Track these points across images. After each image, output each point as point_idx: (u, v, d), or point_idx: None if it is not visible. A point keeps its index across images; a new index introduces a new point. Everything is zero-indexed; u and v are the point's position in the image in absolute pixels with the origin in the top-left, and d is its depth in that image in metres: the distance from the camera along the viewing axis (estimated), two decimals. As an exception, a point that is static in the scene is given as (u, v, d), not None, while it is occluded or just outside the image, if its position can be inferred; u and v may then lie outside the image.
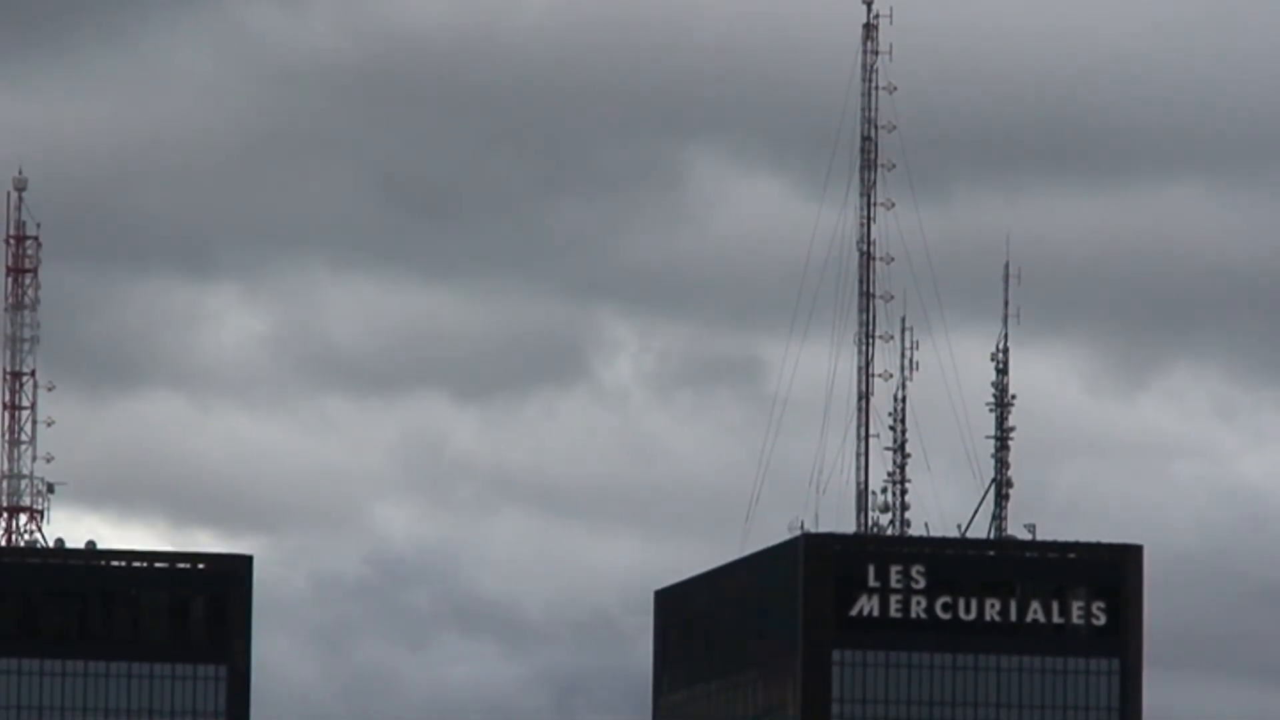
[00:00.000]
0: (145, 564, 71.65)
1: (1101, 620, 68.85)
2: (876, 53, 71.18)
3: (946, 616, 67.97)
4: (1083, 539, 70.35)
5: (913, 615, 67.90)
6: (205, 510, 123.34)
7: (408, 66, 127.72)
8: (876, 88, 71.16)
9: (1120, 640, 68.66)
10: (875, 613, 67.83)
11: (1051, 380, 71.68)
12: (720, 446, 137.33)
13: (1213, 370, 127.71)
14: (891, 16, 70.54)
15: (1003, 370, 71.73)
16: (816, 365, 71.14)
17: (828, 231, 70.81)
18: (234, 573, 70.98)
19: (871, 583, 67.82)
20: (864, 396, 70.70)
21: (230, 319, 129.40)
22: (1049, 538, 70.08)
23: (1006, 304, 71.82)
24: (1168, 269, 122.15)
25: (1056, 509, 71.99)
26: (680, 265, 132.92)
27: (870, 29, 71.38)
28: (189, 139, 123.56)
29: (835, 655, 67.14)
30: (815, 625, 67.23)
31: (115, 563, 71.83)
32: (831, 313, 70.53)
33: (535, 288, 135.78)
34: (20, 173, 73.07)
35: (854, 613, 67.64)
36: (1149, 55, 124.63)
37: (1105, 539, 70.34)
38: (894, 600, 67.81)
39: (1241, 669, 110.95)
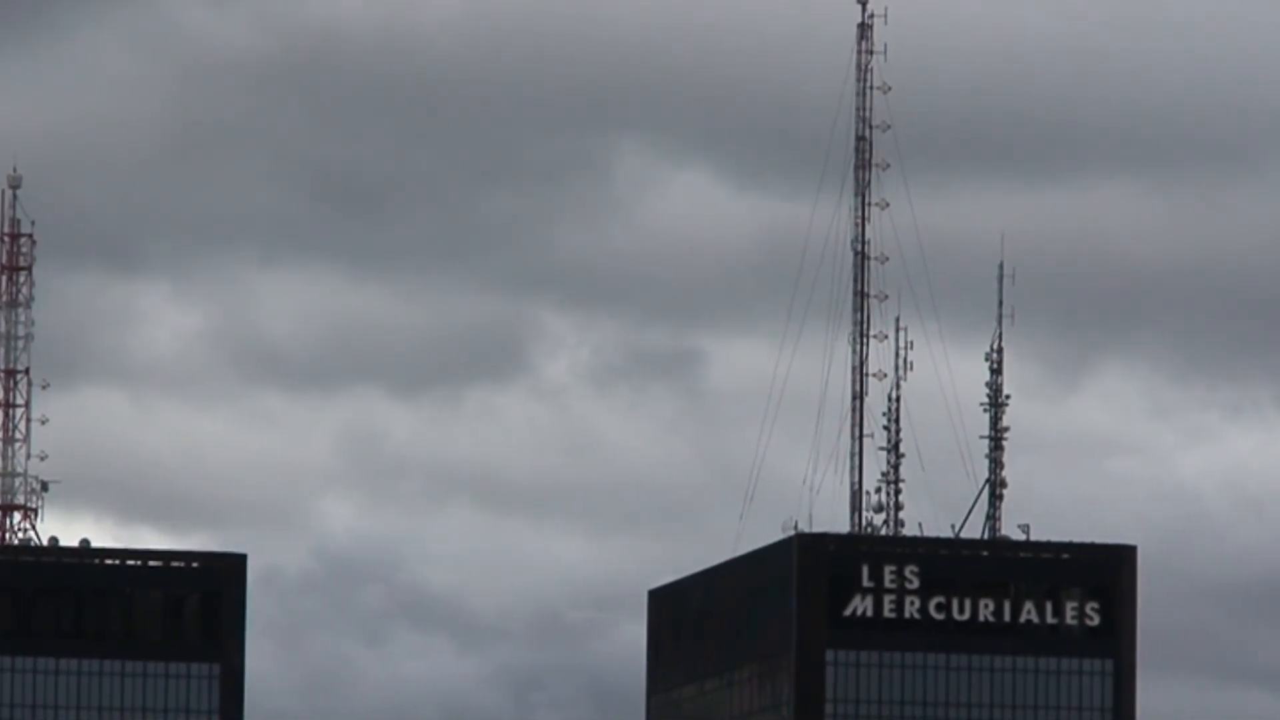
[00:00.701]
0: (139, 562, 71.59)
1: (1095, 621, 68.81)
2: (871, 52, 71.20)
3: (940, 617, 67.95)
4: (1076, 539, 70.59)
5: (906, 615, 67.89)
6: (150, 507, 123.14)
7: (331, 60, 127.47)
8: (871, 87, 71.22)
9: (1114, 641, 68.65)
10: (869, 613, 67.83)
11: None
12: (663, 442, 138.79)
13: (1146, 368, 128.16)
14: (886, 16, 70.66)
15: (997, 370, 71.76)
16: (809, 364, 71.37)
17: (822, 231, 70.97)
18: (228, 571, 70.94)
19: (865, 583, 67.78)
20: (858, 396, 70.72)
21: (163, 316, 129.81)
22: (1043, 538, 70.22)
23: (1001, 304, 71.92)
24: (1102, 267, 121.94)
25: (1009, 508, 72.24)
26: (614, 258, 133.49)
27: (865, 29, 71.45)
28: (113, 135, 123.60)
29: (829, 655, 67.11)
30: (809, 625, 67.21)
31: (109, 561, 71.77)
32: (825, 312, 70.66)
33: (469, 282, 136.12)
34: (15, 170, 73.18)
35: (848, 613, 67.64)
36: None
37: (1097, 539, 70.66)
38: (888, 600, 67.81)
39: (1185, 666, 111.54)
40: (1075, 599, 68.98)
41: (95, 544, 72.87)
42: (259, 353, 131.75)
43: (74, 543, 72.20)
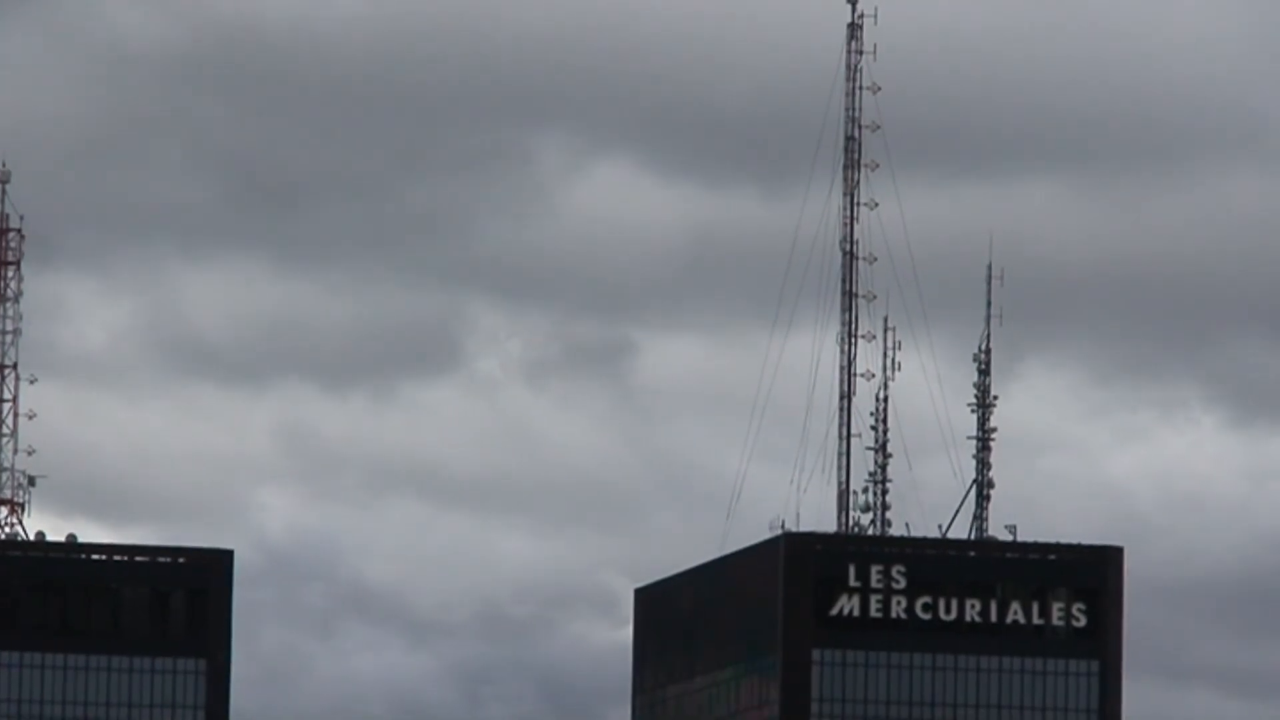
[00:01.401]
0: (125, 557, 71.51)
1: (1081, 622, 68.93)
2: (861, 52, 71.10)
3: (927, 617, 68.00)
4: (1063, 540, 70.63)
5: (893, 615, 67.92)
6: (88, 501, 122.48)
7: (247, 54, 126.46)
8: (860, 87, 71.12)
9: (1100, 642, 68.73)
10: (855, 612, 67.86)
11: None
12: (597, 435, 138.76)
13: (1076, 368, 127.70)
14: (876, 16, 70.57)
15: (985, 371, 71.73)
16: (798, 363, 71.38)
17: (810, 231, 70.94)
18: (214, 567, 70.91)
19: (852, 582, 67.82)
20: (846, 396, 70.67)
21: (90, 310, 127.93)
22: (1029, 538, 70.23)
23: (989, 304, 71.86)
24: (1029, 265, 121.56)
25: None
26: (541, 250, 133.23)
27: (854, 29, 71.34)
28: (33, 129, 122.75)
29: (815, 655, 67.19)
30: (795, 624, 67.29)
31: (95, 556, 71.70)
32: (814, 312, 70.63)
33: (396, 274, 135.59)
34: (3, 165, 73.01)
35: (834, 612, 67.69)
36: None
37: (1085, 540, 70.75)
38: (874, 600, 67.83)
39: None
40: (1061, 600, 69.02)
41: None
42: (189, 347, 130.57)
43: (61, 538, 72.28)
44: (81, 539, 74.20)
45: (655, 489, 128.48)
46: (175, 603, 70.24)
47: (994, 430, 71.22)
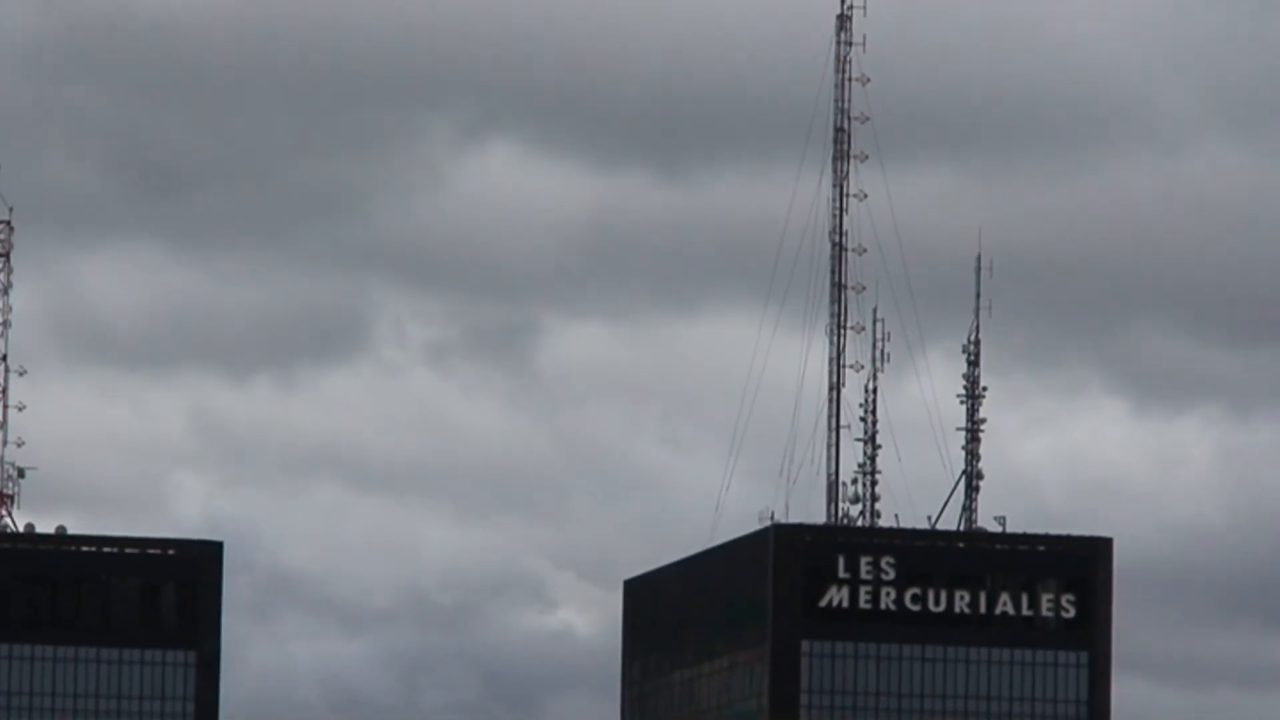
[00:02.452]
0: (115, 550, 71.27)
1: (1071, 613, 68.90)
2: (850, 44, 70.92)
3: (916, 608, 67.95)
4: (1053, 531, 70.57)
5: (882, 607, 67.88)
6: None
7: (126, 39, 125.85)
8: (849, 79, 70.96)
9: (1089, 633, 68.72)
10: (845, 604, 67.82)
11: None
12: (506, 420, 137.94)
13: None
14: (865, 8, 70.35)
15: (974, 362, 71.64)
16: (787, 355, 71.30)
17: (800, 222, 70.81)
18: (204, 559, 70.93)
19: (841, 574, 67.80)
20: (835, 387, 70.59)
21: None
22: (1019, 530, 70.17)
23: (978, 295, 71.79)
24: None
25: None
26: (438, 233, 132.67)
27: (844, 20, 71.17)
28: None
29: (804, 646, 67.10)
30: (784, 616, 67.22)
31: (85, 548, 71.54)
32: (803, 303, 70.52)
33: (293, 258, 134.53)
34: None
35: (823, 603, 67.67)
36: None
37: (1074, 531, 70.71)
38: (863, 591, 67.77)
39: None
40: (1051, 591, 68.98)
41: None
42: (90, 335, 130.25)
43: (50, 530, 72.13)
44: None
45: (572, 474, 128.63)
46: (164, 595, 70.28)
47: (983, 421, 71.25)
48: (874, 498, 70.77)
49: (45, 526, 71.35)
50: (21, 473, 71.72)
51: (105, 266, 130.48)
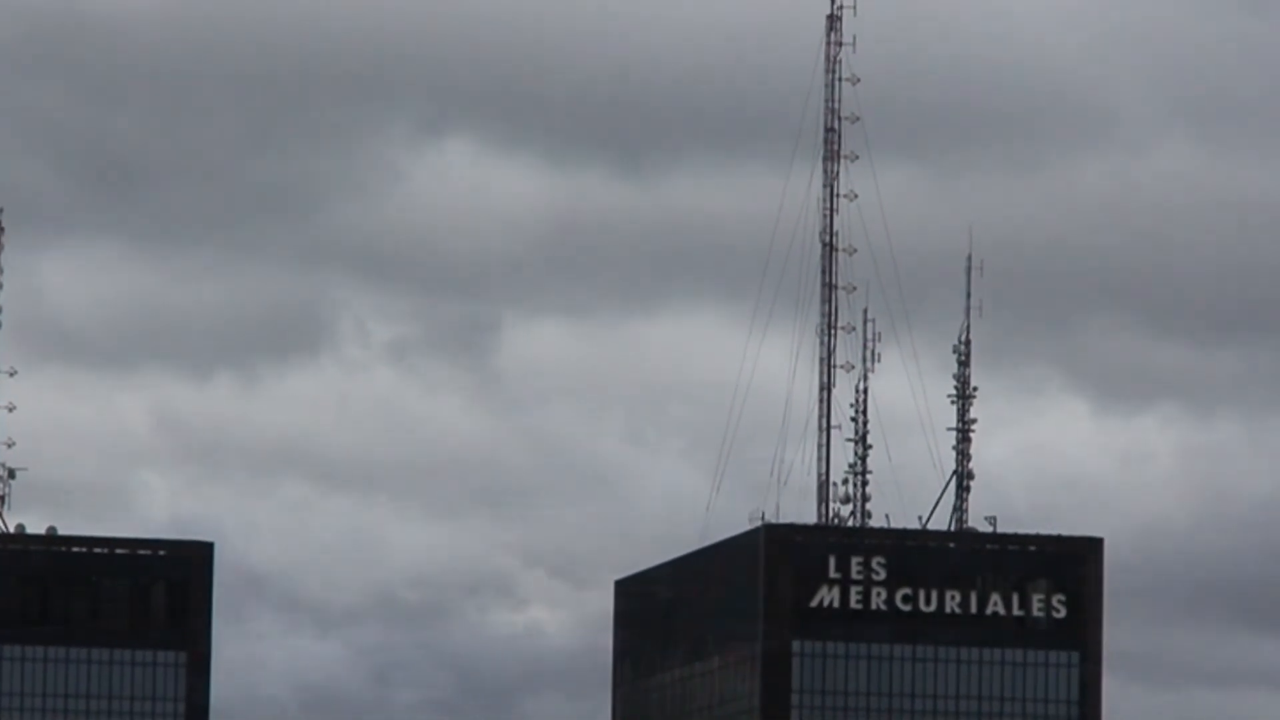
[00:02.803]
0: (106, 550, 71.27)
1: (1061, 613, 68.90)
2: (840, 44, 70.86)
3: (907, 608, 67.90)
4: (1043, 532, 70.53)
5: (873, 607, 67.84)
6: None
7: (80, 37, 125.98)
8: (840, 79, 70.91)
9: (1080, 633, 68.78)
10: (836, 604, 67.77)
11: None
12: (470, 418, 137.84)
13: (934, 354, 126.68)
14: (855, 8, 70.26)
15: (964, 362, 71.60)
16: (777, 356, 71.30)
17: (790, 222, 70.77)
18: (195, 559, 70.93)
19: (832, 574, 67.73)
20: (825, 388, 70.54)
21: None
22: (1010, 530, 70.12)
23: (969, 295, 71.76)
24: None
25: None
26: (397, 231, 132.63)
27: (834, 20, 71.09)
28: None
29: (795, 646, 67.05)
30: (776, 616, 67.21)
31: (76, 549, 71.51)
32: (793, 303, 70.47)
33: (253, 256, 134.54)
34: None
35: (814, 603, 67.60)
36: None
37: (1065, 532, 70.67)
38: (854, 591, 67.72)
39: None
40: (1041, 591, 68.97)
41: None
42: (51, 333, 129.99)
43: (41, 530, 72.06)
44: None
45: (537, 472, 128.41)
46: (155, 595, 70.28)
47: (974, 421, 71.20)
48: (865, 498, 70.74)
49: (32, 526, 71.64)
50: (12, 474, 71.65)
51: (64, 265, 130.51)
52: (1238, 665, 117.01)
